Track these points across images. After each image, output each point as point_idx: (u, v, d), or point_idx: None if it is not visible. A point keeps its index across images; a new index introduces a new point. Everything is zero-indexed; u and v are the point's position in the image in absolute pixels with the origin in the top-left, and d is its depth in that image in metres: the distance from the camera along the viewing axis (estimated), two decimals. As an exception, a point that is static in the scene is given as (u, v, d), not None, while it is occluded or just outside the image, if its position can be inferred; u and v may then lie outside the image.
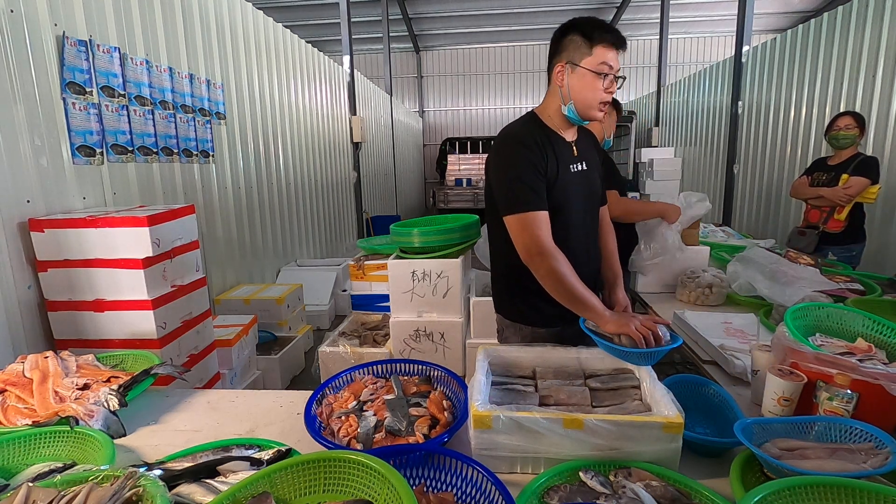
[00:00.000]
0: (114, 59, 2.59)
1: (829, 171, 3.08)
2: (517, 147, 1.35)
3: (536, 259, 1.31)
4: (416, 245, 2.44)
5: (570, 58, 1.32)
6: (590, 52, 1.29)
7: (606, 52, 1.29)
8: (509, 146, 1.37)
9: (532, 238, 1.31)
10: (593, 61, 1.29)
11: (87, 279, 2.00)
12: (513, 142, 1.37)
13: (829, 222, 3.05)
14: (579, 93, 1.33)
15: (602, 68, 1.29)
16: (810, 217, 3.18)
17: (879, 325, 1.30)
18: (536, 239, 1.30)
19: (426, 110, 13.51)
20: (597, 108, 1.35)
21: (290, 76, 5.02)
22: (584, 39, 1.29)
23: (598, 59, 1.29)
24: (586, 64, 1.30)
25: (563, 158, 1.40)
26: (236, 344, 2.83)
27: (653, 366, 1.22)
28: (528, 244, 1.31)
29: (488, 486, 0.89)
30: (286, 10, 9.95)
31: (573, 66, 1.31)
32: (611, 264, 1.57)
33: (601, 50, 1.28)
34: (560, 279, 1.28)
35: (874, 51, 4.19)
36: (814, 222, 3.14)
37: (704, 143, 7.63)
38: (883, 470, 0.84)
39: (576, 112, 1.36)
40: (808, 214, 3.21)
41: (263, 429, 1.26)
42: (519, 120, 1.46)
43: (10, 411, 1.22)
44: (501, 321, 1.63)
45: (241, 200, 4.01)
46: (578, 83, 1.32)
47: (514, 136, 1.38)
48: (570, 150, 1.43)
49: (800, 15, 10.70)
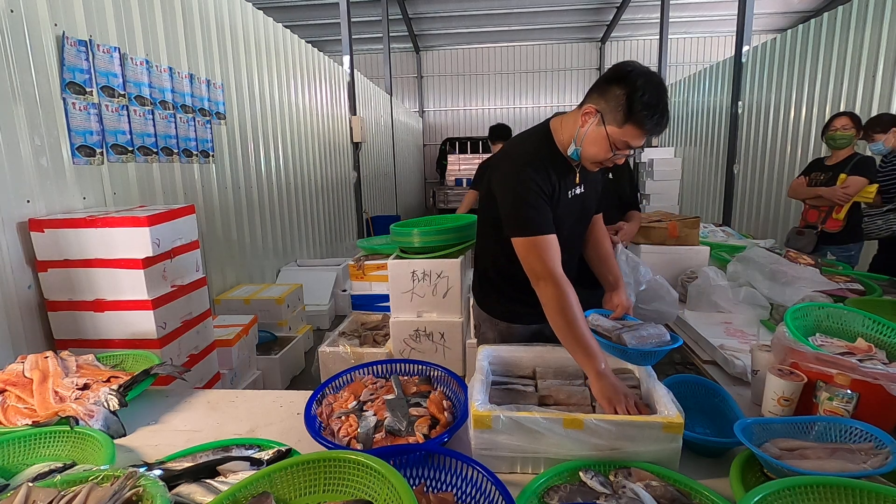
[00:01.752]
0: (114, 59, 2.59)
1: (827, 171, 3.09)
2: (526, 169, 1.31)
3: (543, 284, 1.27)
4: (416, 245, 2.44)
5: (603, 110, 1.22)
6: (621, 125, 1.20)
7: (636, 133, 1.20)
8: (519, 166, 1.33)
9: (541, 262, 1.27)
10: (618, 133, 1.21)
11: (87, 279, 2.00)
12: (523, 162, 1.33)
13: (827, 222, 3.06)
14: (590, 146, 1.28)
15: (619, 145, 1.23)
16: (809, 217, 3.18)
17: (879, 325, 1.30)
18: (545, 263, 1.27)
19: (426, 110, 13.51)
20: (597, 166, 1.33)
21: (290, 76, 5.02)
22: (625, 108, 1.18)
23: (623, 135, 1.21)
24: (611, 130, 1.22)
25: (565, 184, 1.39)
26: (236, 344, 2.83)
27: (653, 366, 1.22)
28: (537, 269, 1.28)
29: (488, 486, 0.89)
30: (286, 10, 9.95)
31: (601, 121, 1.23)
32: (610, 267, 1.56)
33: (631, 130, 1.19)
34: (564, 310, 1.22)
35: (874, 51, 4.20)
36: (812, 222, 3.15)
37: (704, 143, 7.63)
38: (883, 470, 0.84)
39: (577, 154, 1.33)
40: (806, 214, 3.22)
41: (263, 429, 1.26)
42: (533, 135, 1.42)
43: (10, 411, 1.22)
44: (479, 315, 1.65)
45: (241, 200, 4.01)
46: (594, 137, 1.25)
47: (524, 157, 1.35)
48: (574, 176, 1.41)
49: (800, 15, 10.69)
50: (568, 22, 11.24)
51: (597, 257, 1.60)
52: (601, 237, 1.61)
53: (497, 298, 1.59)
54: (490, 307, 1.61)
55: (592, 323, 1.32)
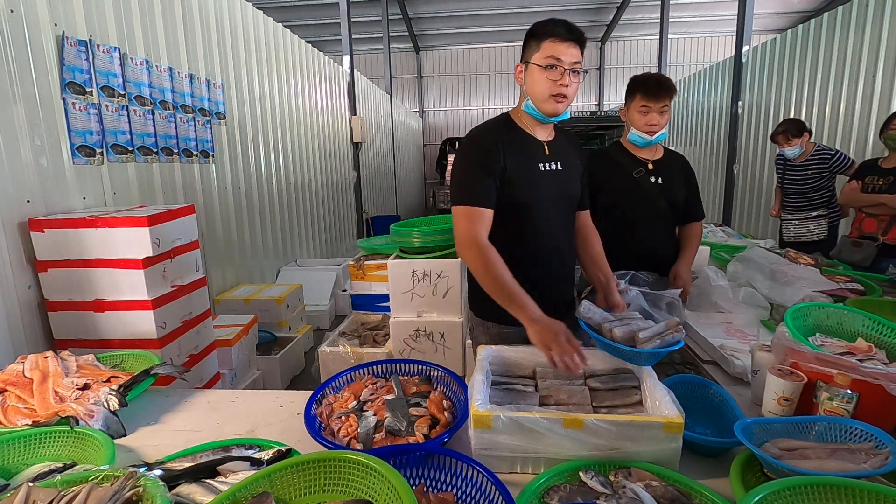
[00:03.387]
0: (114, 59, 2.59)
1: (886, 176, 2.75)
2: (474, 148, 1.42)
3: (468, 249, 1.35)
4: (416, 245, 2.44)
5: (525, 57, 1.39)
6: (538, 48, 1.34)
7: (555, 45, 1.32)
8: (467, 146, 1.44)
9: (468, 230, 1.35)
10: (540, 55, 1.34)
11: (87, 279, 2.00)
12: (471, 143, 1.44)
13: (889, 232, 2.71)
14: (531, 88, 1.38)
15: (548, 61, 1.32)
16: (865, 227, 2.82)
17: (879, 325, 1.30)
18: (471, 231, 1.35)
19: (426, 110, 13.51)
20: (551, 101, 1.36)
21: (290, 76, 5.02)
22: (535, 38, 1.36)
23: (545, 52, 1.33)
24: (535, 59, 1.35)
25: (531, 156, 1.44)
26: (236, 344, 2.83)
27: (653, 366, 1.22)
28: (465, 235, 1.36)
29: (488, 486, 0.89)
30: (286, 10, 9.95)
31: (526, 64, 1.39)
32: (600, 267, 1.56)
33: (548, 44, 1.32)
34: (489, 269, 1.30)
35: (874, 51, 4.20)
36: (870, 233, 2.78)
37: (704, 143, 7.63)
38: (883, 470, 0.84)
39: (533, 107, 1.40)
40: (861, 224, 2.85)
41: (263, 429, 1.26)
42: (490, 120, 1.51)
43: (10, 411, 1.22)
44: (472, 318, 1.66)
45: (241, 200, 4.01)
46: (530, 79, 1.38)
47: (474, 137, 1.45)
48: (541, 150, 1.46)
49: (800, 15, 10.70)
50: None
51: (587, 258, 1.60)
52: (591, 237, 1.61)
53: (487, 297, 1.56)
54: (481, 309, 1.60)
55: (584, 315, 1.32)
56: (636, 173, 1.93)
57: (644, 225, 1.95)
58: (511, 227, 1.44)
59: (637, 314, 1.35)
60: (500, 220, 1.41)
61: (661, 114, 1.84)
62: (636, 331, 1.23)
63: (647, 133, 1.86)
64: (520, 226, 1.45)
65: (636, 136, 1.90)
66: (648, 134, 1.86)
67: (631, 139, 1.93)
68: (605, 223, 1.67)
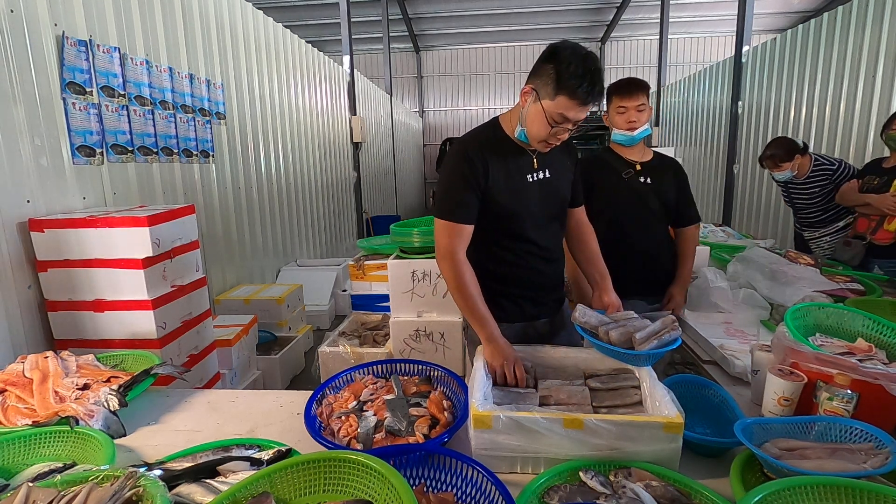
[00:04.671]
0: (114, 59, 2.59)
1: (882, 175, 2.65)
2: (460, 159, 1.38)
3: (445, 262, 1.38)
4: (416, 245, 2.44)
5: (537, 86, 1.27)
6: (553, 97, 1.23)
7: (569, 104, 1.22)
8: (454, 156, 1.40)
9: (449, 245, 1.37)
10: (552, 107, 1.24)
11: (87, 279, 1.99)
12: (458, 153, 1.39)
13: (877, 233, 2.62)
14: (531, 124, 1.31)
15: (556, 118, 1.25)
16: (857, 226, 2.76)
17: (879, 325, 1.30)
18: (452, 247, 1.37)
19: (426, 110, 13.50)
20: (543, 144, 1.34)
21: (290, 76, 5.02)
22: (555, 80, 1.22)
23: (557, 107, 1.23)
24: (545, 104, 1.25)
25: (518, 168, 1.42)
26: (236, 344, 2.83)
27: (652, 366, 1.22)
28: (444, 248, 1.38)
29: (488, 486, 0.89)
30: (286, 10, 9.95)
31: (536, 97, 1.27)
32: (595, 264, 1.56)
33: (563, 101, 1.22)
34: (461, 288, 1.36)
35: (874, 51, 4.19)
36: (861, 232, 2.72)
37: (704, 143, 7.63)
38: (883, 470, 0.84)
39: (525, 137, 1.36)
40: (855, 223, 2.80)
41: (263, 429, 1.26)
42: (480, 127, 1.49)
43: (10, 411, 1.22)
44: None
45: (241, 200, 4.01)
46: (533, 114, 1.29)
47: (462, 147, 1.41)
48: (529, 161, 1.44)
49: (800, 15, 10.69)
50: (568, 22, 11.23)
51: (583, 257, 1.59)
52: (586, 234, 1.60)
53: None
54: None
55: (580, 319, 1.31)
56: (625, 174, 1.96)
57: (637, 225, 1.96)
58: (500, 232, 1.45)
59: (633, 314, 1.35)
60: (489, 226, 1.42)
61: (638, 111, 1.87)
62: (633, 332, 1.23)
63: (627, 130, 1.89)
64: (508, 232, 1.45)
65: (619, 136, 1.93)
66: (629, 131, 1.89)
67: (615, 139, 1.97)
68: (599, 225, 1.66)
